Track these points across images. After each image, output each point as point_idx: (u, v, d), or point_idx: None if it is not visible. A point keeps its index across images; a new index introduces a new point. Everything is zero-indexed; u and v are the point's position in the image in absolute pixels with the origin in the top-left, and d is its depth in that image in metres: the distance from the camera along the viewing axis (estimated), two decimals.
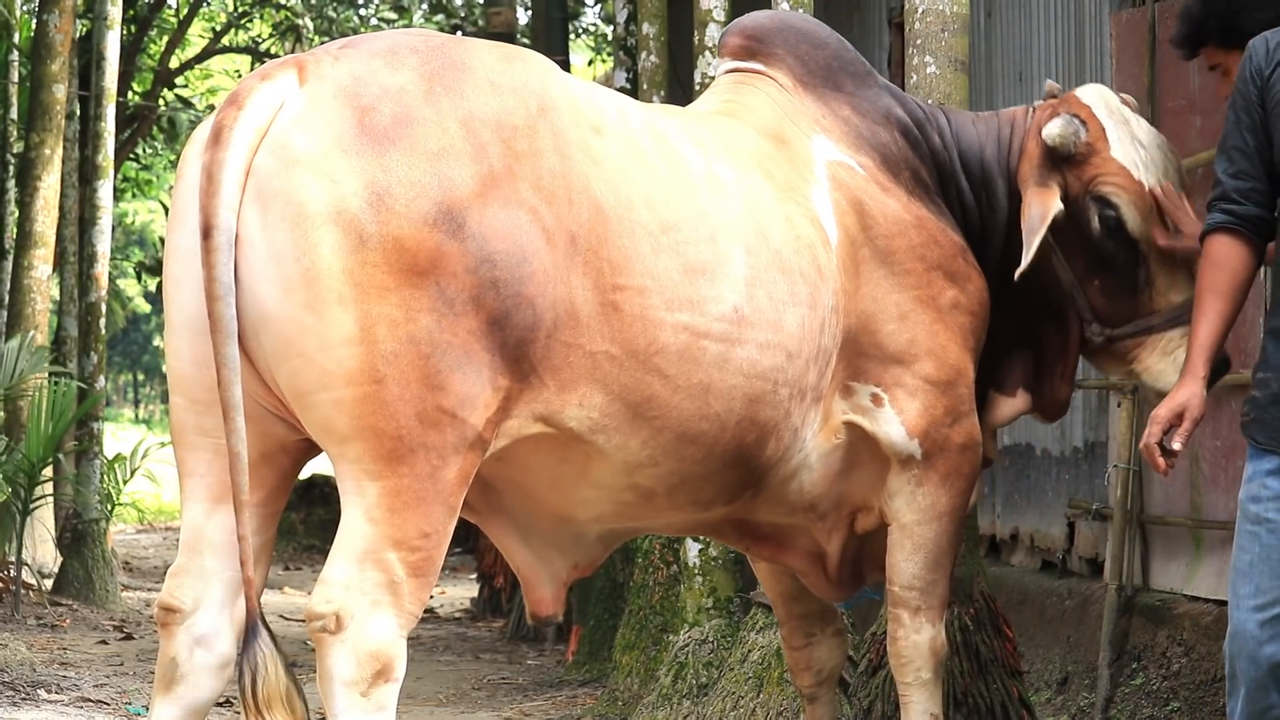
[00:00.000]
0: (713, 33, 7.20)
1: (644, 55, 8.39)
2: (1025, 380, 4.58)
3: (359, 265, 3.29)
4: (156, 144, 19.05)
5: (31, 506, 10.15)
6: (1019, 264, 4.32)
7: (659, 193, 3.75)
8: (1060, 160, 4.42)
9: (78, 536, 10.82)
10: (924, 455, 4.24)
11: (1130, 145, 4.44)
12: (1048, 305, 4.53)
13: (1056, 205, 4.35)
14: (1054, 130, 4.40)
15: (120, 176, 17.70)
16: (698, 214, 3.81)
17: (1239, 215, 3.71)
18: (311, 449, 3.59)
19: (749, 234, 3.89)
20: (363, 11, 17.75)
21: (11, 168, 14.02)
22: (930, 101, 4.95)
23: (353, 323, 3.29)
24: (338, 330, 3.29)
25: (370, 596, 3.35)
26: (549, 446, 3.66)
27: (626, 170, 3.72)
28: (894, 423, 4.21)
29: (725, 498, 4.04)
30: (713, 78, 6.87)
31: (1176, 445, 3.69)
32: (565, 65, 11.32)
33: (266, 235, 3.31)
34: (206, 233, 3.29)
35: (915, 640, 4.33)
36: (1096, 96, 4.53)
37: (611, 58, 12.77)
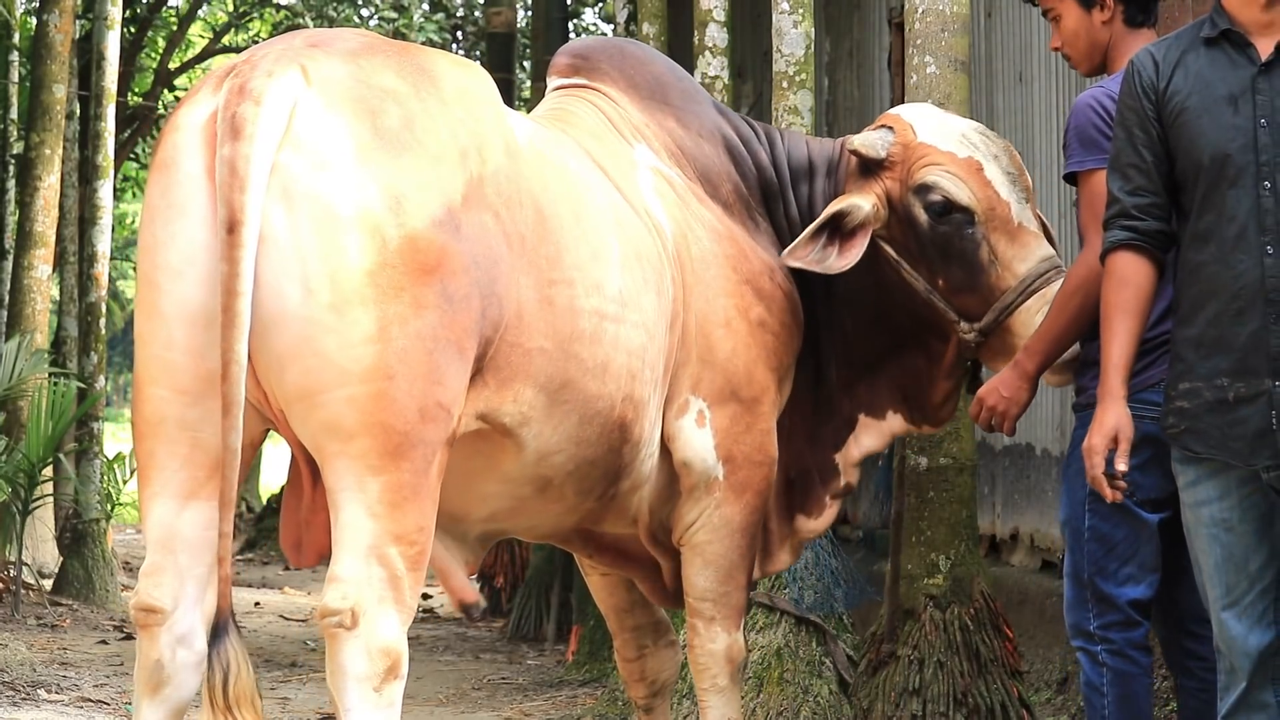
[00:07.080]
0: (713, 33, 7.19)
1: None
2: (894, 401, 4.58)
3: (380, 266, 3.38)
4: None
5: (31, 506, 10.15)
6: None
7: (568, 187, 3.90)
8: (876, 168, 4.43)
9: (78, 536, 10.82)
10: (725, 471, 4.27)
11: (939, 127, 4.44)
12: (913, 321, 4.50)
13: (851, 203, 4.37)
14: (856, 139, 4.47)
15: (120, 176, 17.68)
16: (590, 204, 3.96)
17: (1140, 231, 3.72)
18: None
19: (614, 222, 4.02)
20: (364, 11, 17.73)
21: (11, 168, 14.01)
22: (794, 126, 5.03)
23: (372, 322, 3.37)
24: (359, 329, 3.36)
25: (377, 592, 3.40)
26: (466, 440, 3.69)
27: (548, 166, 3.87)
28: (703, 436, 4.24)
29: (601, 487, 4.09)
30: (714, 77, 6.91)
31: (1121, 466, 3.68)
32: None
33: (293, 236, 3.36)
34: (232, 227, 3.31)
35: (711, 649, 4.37)
36: (908, 109, 4.59)
37: None
